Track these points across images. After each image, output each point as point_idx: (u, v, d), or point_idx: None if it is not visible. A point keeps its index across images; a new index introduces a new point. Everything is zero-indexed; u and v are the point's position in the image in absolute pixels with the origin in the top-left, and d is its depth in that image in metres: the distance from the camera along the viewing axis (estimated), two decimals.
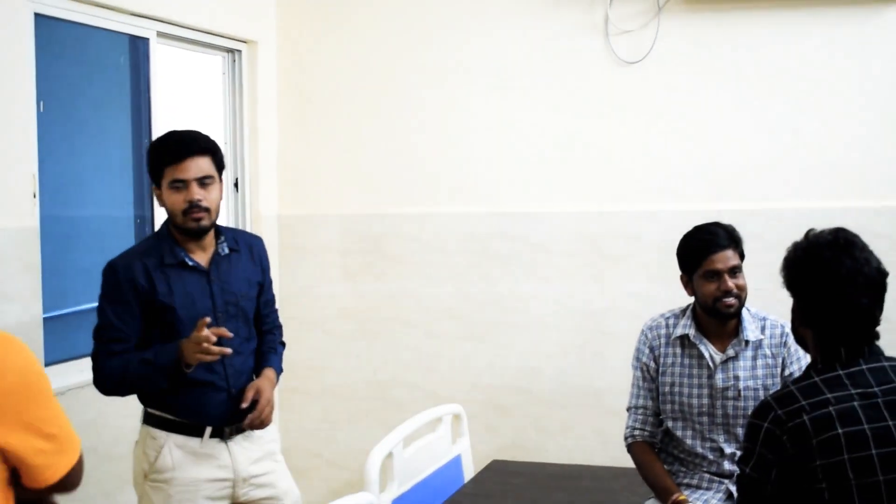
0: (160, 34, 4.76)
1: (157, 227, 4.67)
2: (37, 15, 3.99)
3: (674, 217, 4.97)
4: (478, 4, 5.36)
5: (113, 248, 3.55)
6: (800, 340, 2.66)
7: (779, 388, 3.39)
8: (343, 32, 5.56)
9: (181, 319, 3.34)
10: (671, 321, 3.65)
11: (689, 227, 3.62)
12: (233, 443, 3.46)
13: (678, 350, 3.59)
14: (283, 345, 3.79)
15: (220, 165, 3.44)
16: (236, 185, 5.43)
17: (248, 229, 5.44)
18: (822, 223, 2.79)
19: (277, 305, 5.50)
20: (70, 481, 2.14)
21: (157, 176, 3.38)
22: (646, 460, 3.60)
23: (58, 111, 4.11)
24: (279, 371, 3.66)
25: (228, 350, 3.22)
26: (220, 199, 3.44)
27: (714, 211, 4.60)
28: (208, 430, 3.40)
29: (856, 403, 2.39)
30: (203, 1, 4.96)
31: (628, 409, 3.71)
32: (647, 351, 3.65)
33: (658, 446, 3.66)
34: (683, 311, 3.64)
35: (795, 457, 2.37)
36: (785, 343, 3.52)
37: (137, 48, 4.67)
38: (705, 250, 3.47)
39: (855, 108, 4.95)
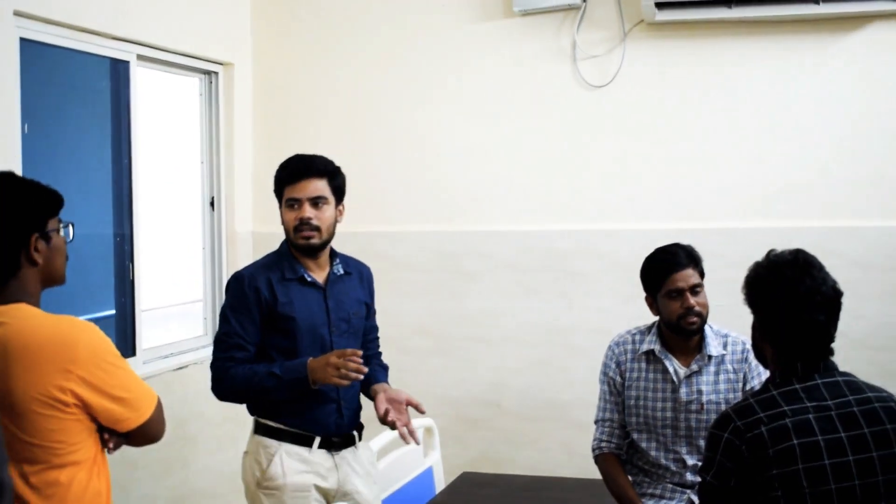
0: (140, 57, 4.87)
1: (136, 244, 4.78)
2: (22, 40, 4.09)
3: (639, 236, 5.11)
4: (450, 30, 5.50)
5: (93, 266, 3.64)
6: (759, 355, 2.80)
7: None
8: (317, 55, 5.69)
9: (300, 329, 3.56)
10: (637, 337, 3.79)
11: (652, 246, 3.76)
12: (339, 456, 3.64)
13: (644, 365, 3.73)
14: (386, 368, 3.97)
15: (336, 189, 3.64)
16: (212, 203, 5.53)
17: (222, 246, 5.55)
18: (781, 242, 2.95)
19: None
20: (144, 433, 2.71)
21: (279, 195, 3.66)
22: (611, 472, 3.73)
23: (41, 132, 4.21)
24: None
25: (365, 369, 3.40)
26: (335, 221, 3.65)
27: (677, 230, 4.76)
28: (317, 440, 3.59)
29: (811, 416, 2.54)
30: (181, 25, 5.07)
31: (596, 422, 3.85)
32: (613, 366, 3.79)
33: (624, 458, 3.79)
34: (649, 328, 3.78)
35: (753, 466, 2.51)
36: (746, 359, 3.65)
37: (118, 71, 4.78)
38: (667, 270, 3.62)
39: (812, 131, 5.10)
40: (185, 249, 5.47)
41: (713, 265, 3.83)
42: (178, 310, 5.56)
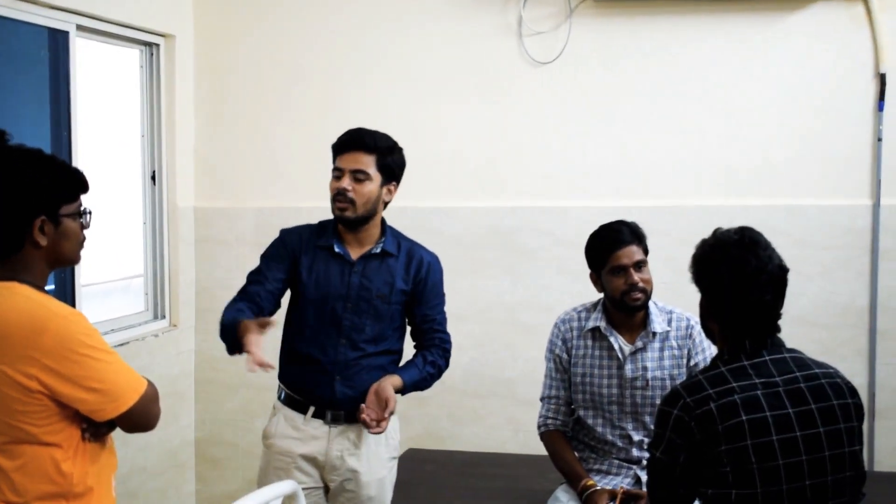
0: (80, 27, 4.77)
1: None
2: None
3: (584, 213, 5.13)
4: (394, 4, 5.45)
5: None
6: (708, 333, 2.82)
7: (684, 378, 3.58)
8: (259, 28, 5.61)
9: (308, 296, 3.61)
10: (583, 314, 3.80)
11: (599, 223, 3.76)
12: (337, 429, 3.59)
13: (589, 342, 3.73)
14: (435, 366, 3.72)
15: (384, 167, 3.58)
16: (153, 177, 5.45)
17: (164, 221, 5.48)
18: (726, 220, 2.97)
19: (192, 296, 5.57)
20: (129, 422, 2.65)
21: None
22: (558, 448, 3.74)
23: None
24: (410, 382, 3.64)
25: (259, 366, 3.20)
26: (378, 199, 3.58)
27: (623, 207, 4.77)
28: (311, 409, 3.61)
29: (759, 392, 2.55)
30: None
31: (541, 399, 3.85)
32: (559, 343, 3.79)
33: (570, 434, 3.80)
34: (595, 305, 3.79)
35: (702, 442, 2.53)
36: (690, 335, 3.68)
37: (57, 41, 4.68)
38: (610, 247, 3.63)
39: (756, 110, 5.15)
40: (125, 224, 5.38)
41: (658, 243, 3.86)
42: (119, 285, 5.48)
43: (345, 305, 3.58)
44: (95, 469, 2.69)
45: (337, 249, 3.61)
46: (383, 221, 3.71)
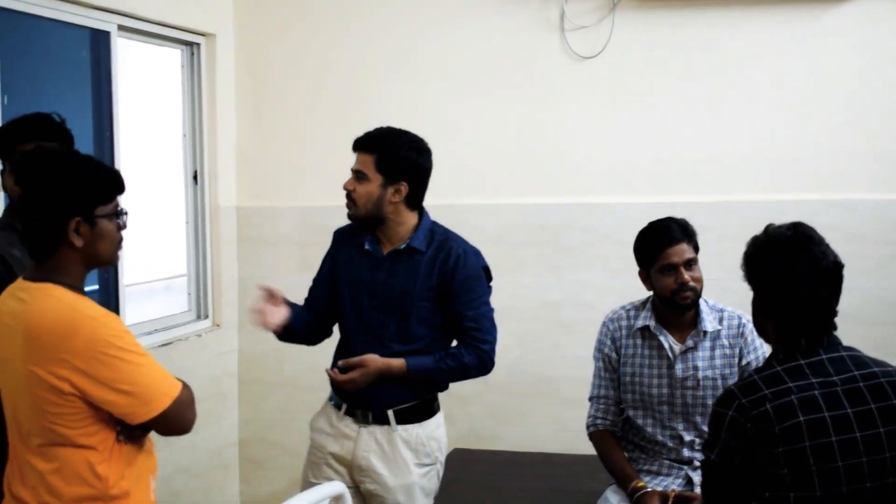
0: (121, 27, 4.76)
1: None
2: (0, 9, 3.98)
3: (628, 209, 5.08)
4: (436, 0, 5.41)
5: None
6: (761, 331, 2.75)
7: (736, 377, 3.52)
8: (300, 26, 5.59)
9: (341, 293, 3.67)
10: (632, 313, 3.73)
11: (644, 219, 3.71)
12: (366, 429, 3.59)
13: (639, 341, 3.68)
14: (456, 359, 3.60)
15: (385, 168, 3.54)
16: (195, 177, 5.44)
17: (206, 221, 5.46)
18: (775, 215, 2.90)
19: (235, 296, 5.54)
20: (163, 425, 2.63)
21: None
22: (607, 448, 3.69)
23: (21, 104, 4.10)
24: (414, 367, 3.54)
25: (272, 321, 3.60)
26: (379, 198, 3.55)
27: (668, 203, 4.70)
28: (344, 406, 3.64)
29: (816, 392, 2.49)
30: None
31: (590, 399, 3.80)
32: (608, 342, 3.73)
33: (619, 434, 3.75)
34: (644, 304, 3.73)
35: (759, 444, 2.46)
36: (742, 333, 3.61)
37: (98, 41, 4.67)
38: (660, 245, 3.56)
39: (805, 103, 5.08)
40: (168, 223, 5.37)
41: (705, 239, 3.77)
42: (162, 285, 5.48)
43: (371, 302, 3.59)
44: (132, 472, 2.68)
45: (367, 247, 3.62)
46: (424, 219, 3.69)
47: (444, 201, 5.39)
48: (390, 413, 3.57)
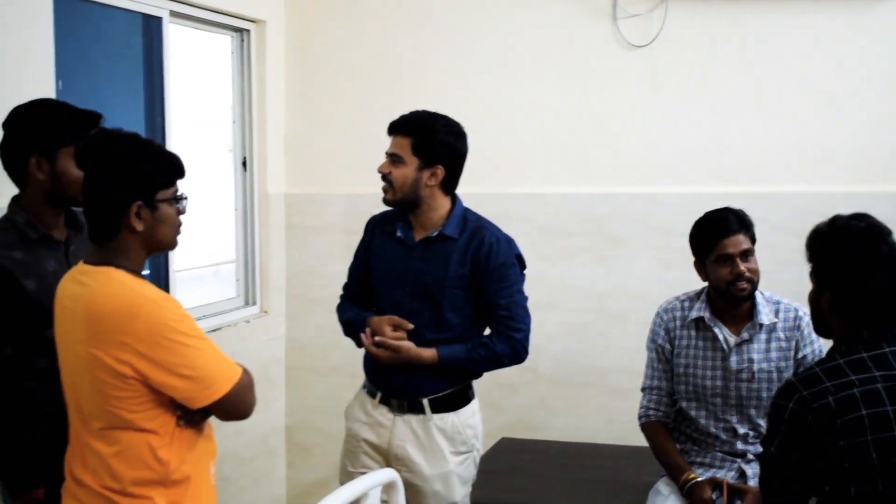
0: (173, 13, 4.77)
1: None
2: None
3: (679, 200, 5.03)
4: None
5: None
6: (820, 323, 2.71)
7: (791, 370, 3.48)
8: (349, 12, 5.58)
9: (376, 281, 3.68)
10: (686, 304, 3.70)
11: (694, 210, 3.68)
12: (402, 418, 3.58)
13: (693, 332, 3.65)
14: (488, 349, 3.58)
15: (420, 149, 3.53)
16: (244, 163, 5.45)
17: (255, 208, 5.47)
18: (827, 207, 2.87)
19: (283, 282, 5.55)
20: (223, 410, 2.64)
21: None
22: (659, 440, 3.67)
23: (75, 89, 4.12)
24: (445, 356, 3.53)
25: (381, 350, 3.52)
26: (415, 182, 3.52)
27: (719, 194, 4.65)
28: (378, 394, 3.64)
29: (879, 385, 2.46)
30: None
31: (643, 390, 3.77)
32: (662, 333, 3.71)
33: (671, 426, 3.72)
34: (698, 294, 3.70)
35: (820, 437, 2.43)
36: (798, 326, 3.58)
37: (151, 27, 4.68)
38: (716, 235, 3.53)
39: (859, 93, 5.00)
40: (217, 210, 5.39)
41: (756, 230, 3.73)
42: (211, 271, 5.50)
43: (404, 290, 3.58)
44: (193, 456, 2.68)
45: (399, 234, 3.61)
46: (456, 205, 3.65)
47: (492, 190, 5.40)
48: (425, 402, 3.56)
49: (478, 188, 5.40)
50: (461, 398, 3.64)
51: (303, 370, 5.66)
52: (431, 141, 3.54)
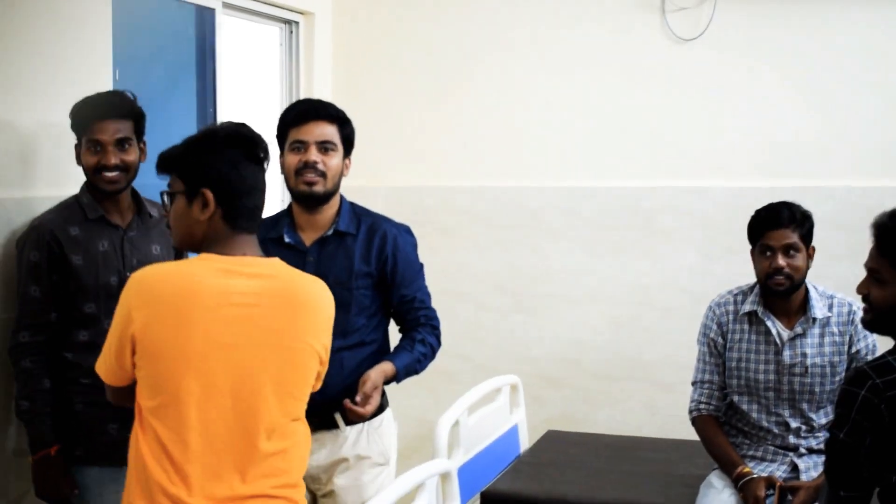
0: (225, 4, 4.81)
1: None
2: None
3: (724, 193, 5.04)
4: None
5: None
6: (880, 315, 2.69)
7: (845, 365, 3.49)
8: (397, 5, 5.60)
9: None
10: (738, 298, 3.70)
11: (740, 205, 3.76)
12: (313, 437, 2.89)
13: (745, 326, 3.64)
14: (426, 344, 3.34)
15: (345, 139, 3.30)
16: None
17: None
18: (874, 202, 2.85)
19: None
20: None
21: (282, 141, 3.32)
22: (711, 433, 3.66)
23: (132, 79, 4.15)
24: (402, 367, 3.25)
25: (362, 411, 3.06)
26: (341, 173, 3.29)
27: (765, 188, 4.65)
28: None
29: None
30: None
31: (693, 384, 3.77)
32: (714, 327, 3.70)
33: (722, 419, 3.72)
34: (751, 288, 3.69)
35: (891, 425, 2.43)
36: (852, 321, 3.56)
37: (204, 18, 4.73)
38: (763, 227, 3.54)
39: None
40: (266, 202, 5.40)
41: None
42: None
43: None
44: None
45: (287, 239, 3.26)
46: (342, 200, 3.36)
47: (539, 184, 5.42)
48: (337, 416, 3.24)
49: (526, 182, 5.44)
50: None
51: None
52: (351, 130, 3.34)
